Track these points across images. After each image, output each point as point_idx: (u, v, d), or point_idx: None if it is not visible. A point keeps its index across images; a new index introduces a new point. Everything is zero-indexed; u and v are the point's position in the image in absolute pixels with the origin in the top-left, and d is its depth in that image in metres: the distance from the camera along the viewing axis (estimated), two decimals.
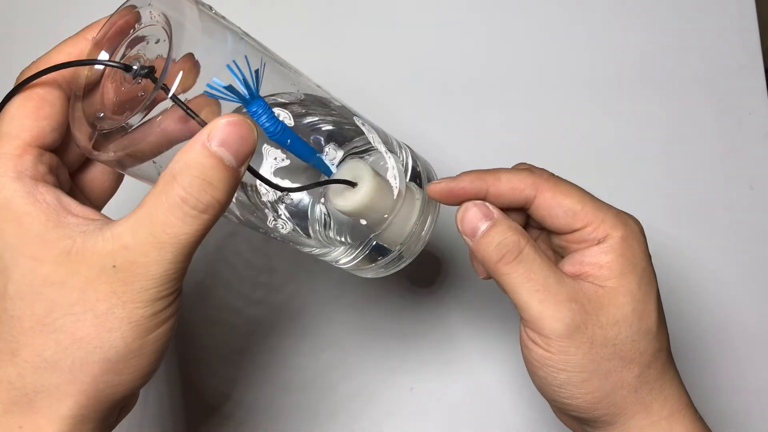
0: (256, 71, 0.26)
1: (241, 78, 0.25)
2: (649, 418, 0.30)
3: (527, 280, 0.30)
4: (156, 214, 0.24)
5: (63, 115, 0.27)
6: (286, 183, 0.30)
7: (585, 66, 0.51)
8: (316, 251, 0.34)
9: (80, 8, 0.50)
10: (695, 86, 0.50)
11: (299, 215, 0.32)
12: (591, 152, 0.50)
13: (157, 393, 0.47)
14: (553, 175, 0.32)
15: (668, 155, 0.50)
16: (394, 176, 0.31)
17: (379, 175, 0.31)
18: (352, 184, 0.30)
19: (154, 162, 0.26)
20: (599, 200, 0.32)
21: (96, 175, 0.30)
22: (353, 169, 0.30)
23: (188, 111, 0.24)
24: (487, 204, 0.31)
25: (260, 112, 0.26)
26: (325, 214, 0.33)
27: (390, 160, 0.31)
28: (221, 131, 0.23)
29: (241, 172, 0.25)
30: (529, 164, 0.33)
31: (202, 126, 0.24)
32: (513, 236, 0.30)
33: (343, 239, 0.33)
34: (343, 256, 0.33)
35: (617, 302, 0.30)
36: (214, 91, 0.25)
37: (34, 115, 0.26)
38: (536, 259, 0.30)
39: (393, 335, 0.47)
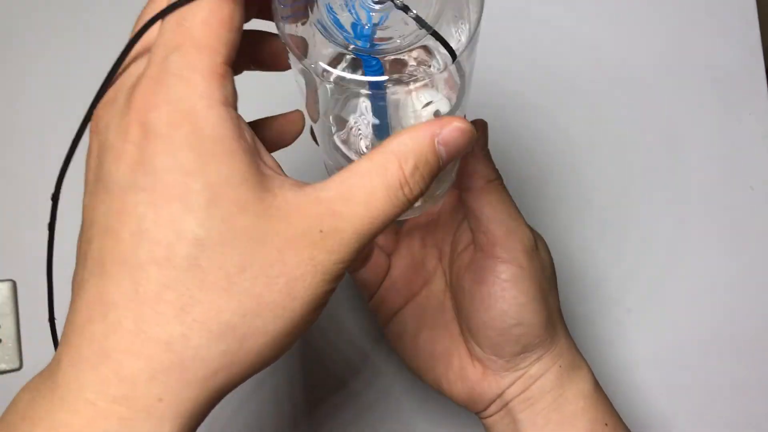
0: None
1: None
2: (567, 341, 0.35)
3: (506, 204, 0.33)
4: (375, 189, 0.22)
5: (241, 32, 0.22)
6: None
7: (584, 66, 0.50)
8: None
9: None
10: (695, 86, 0.50)
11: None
12: (590, 151, 0.49)
13: None
14: None
15: (668, 155, 0.49)
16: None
17: None
18: None
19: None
20: None
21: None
22: None
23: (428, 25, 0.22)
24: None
25: (377, 67, 0.21)
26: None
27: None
28: (451, 134, 0.23)
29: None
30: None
31: (445, 45, 0.23)
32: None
33: None
34: None
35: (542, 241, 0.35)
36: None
37: (229, 25, 0.21)
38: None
39: None
